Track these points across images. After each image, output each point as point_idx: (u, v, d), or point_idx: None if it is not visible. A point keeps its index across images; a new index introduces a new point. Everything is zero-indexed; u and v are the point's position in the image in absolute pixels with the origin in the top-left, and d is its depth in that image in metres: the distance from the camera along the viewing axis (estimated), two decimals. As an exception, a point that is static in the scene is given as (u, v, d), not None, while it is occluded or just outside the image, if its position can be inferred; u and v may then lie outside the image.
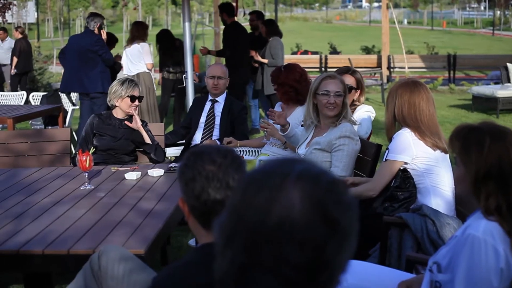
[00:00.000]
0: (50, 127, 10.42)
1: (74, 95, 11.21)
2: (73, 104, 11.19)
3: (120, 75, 11.17)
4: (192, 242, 5.98)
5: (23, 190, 4.74)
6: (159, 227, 3.72)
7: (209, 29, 25.93)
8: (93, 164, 4.74)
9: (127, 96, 6.05)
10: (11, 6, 32.77)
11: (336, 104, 5.13)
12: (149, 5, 61.92)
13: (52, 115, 10.38)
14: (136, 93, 6.09)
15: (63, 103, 10.98)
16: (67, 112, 10.87)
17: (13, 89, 16.60)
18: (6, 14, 33.75)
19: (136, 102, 6.10)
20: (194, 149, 2.46)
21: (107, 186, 4.73)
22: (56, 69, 24.76)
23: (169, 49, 11.99)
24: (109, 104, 6.20)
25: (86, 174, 4.72)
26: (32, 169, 5.46)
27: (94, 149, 4.95)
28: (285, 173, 1.49)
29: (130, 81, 6.13)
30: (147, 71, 11.08)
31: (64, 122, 10.36)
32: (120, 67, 11.15)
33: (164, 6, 60.54)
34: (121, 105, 6.08)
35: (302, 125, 5.75)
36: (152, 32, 14.73)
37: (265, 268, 1.44)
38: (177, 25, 45.44)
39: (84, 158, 4.65)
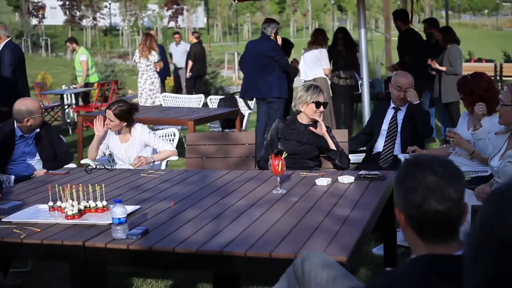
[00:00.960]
0: (227, 130, 10.66)
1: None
2: (250, 108, 11.38)
3: (297, 80, 11.29)
4: (376, 250, 5.92)
5: (217, 191, 4.86)
6: (358, 234, 3.69)
7: (377, 35, 25.72)
8: (285, 168, 4.79)
9: (312, 102, 6.07)
10: (183, 12, 33.81)
11: (502, 112, 5.07)
12: (315, 10, 62.29)
13: (229, 118, 10.60)
14: (321, 99, 6.10)
15: (240, 107, 11.19)
16: (243, 115, 11.07)
17: (188, 92, 17.12)
18: (178, 19, 34.84)
19: (321, 108, 6.11)
20: (412, 158, 2.41)
21: (299, 191, 4.76)
22: (227, 74, 25.34)
23: (342, 50, 11.81)
24: (294, 109, 6.24)
25: (278, 178, 4.77)
26: (222, 171, 5.59)
27: (286, 154, 4.99)
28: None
29: (315, 87, 6.15)
30: (324, 76, 11.10)
31: (241, 125, 10.55)
32: (296, 73, 11.24)
33: (330, 12, 60.70)
34: (306, 110, 6.11)
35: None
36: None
37: None
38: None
39: (276, 163, 4.70)
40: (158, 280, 5.54)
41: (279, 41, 10.15)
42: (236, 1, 10.24)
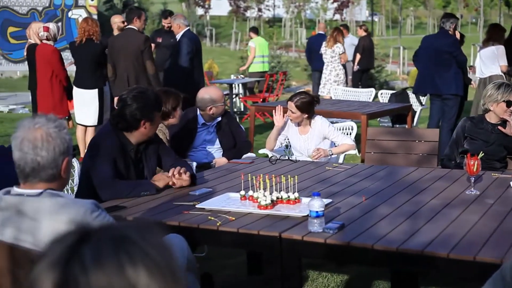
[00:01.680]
0: (397, 126, 10.49)
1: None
2: (421, 104, 11.15)
3: (473, 78, 10.95)
4: None
5: (407, 188, 4.77)
6: None
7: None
8: (480, 169, 4.62)
9: (503, 100, 5.84)
10: (348, 4, 33.72)
11: None
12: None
13: (400, 113, 10.43)
14: (512, 98, 5.87)
15: (412, 102, 10.98)
16: (415, 111, 10.86)
17: (354, 85, 17.02)
18: (343, 12, 34.75)
19: (512, 108, 5.87)
20: None
21: (493, 193, 4.58)
22: (391, 68, 25.03)
23: None
24: (482, 107, 6.04)
25: (473, 178, 4.62)
26: (409, 168, 5.49)
27: (482, 154, 4.82)
28: None
29: (507, 86, 5.92)
30: (500, 73, 10.70)
31: (412, 121, 10.36)
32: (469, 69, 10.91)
33: (496, 7, 58.74)
34: (495, 109, 5.89)
35: None
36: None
37: None
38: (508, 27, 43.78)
39: (472, 162, 4.55)
40: (333, 274, 5.51)
41: (458, 36, 9.88)
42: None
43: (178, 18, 10.60)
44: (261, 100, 14.66)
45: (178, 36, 10.36)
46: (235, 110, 15.50)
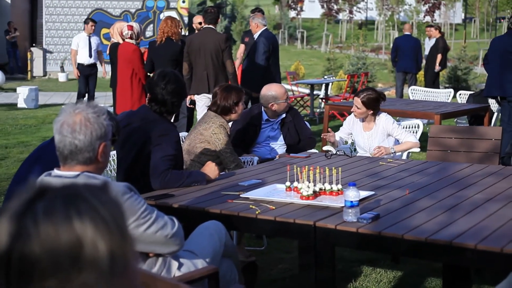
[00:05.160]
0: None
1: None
2: (500, 105, 10.93)
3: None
4: None
5: (455, 183, 4.75)
6: None
7: None
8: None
9: None
10: (440, 6, 33.20)
11: None
12: None
13: (477, 114, 10.27)
14: None
15: (490, 104, 10.79)
16: (493, 112, 10.68)
17: (433, 85, 16.80)
18: (434, 14, 34.28)
19: None
20: None
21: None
22: (480, 71, 24.57)
23: None
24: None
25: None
26: (463, 164, 5.47)
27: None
28: None
29: None
30: None
31: (490, 122, 10.19)
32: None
33: None
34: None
35: None
36: None
37: None
38: None
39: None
40: (387, 270, 5.52)
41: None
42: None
43: (256, 17, 10.72)
44: (341, 100, 14.69)
45: (255, 35, 10.49)
46: (318, 110, 15.57)
